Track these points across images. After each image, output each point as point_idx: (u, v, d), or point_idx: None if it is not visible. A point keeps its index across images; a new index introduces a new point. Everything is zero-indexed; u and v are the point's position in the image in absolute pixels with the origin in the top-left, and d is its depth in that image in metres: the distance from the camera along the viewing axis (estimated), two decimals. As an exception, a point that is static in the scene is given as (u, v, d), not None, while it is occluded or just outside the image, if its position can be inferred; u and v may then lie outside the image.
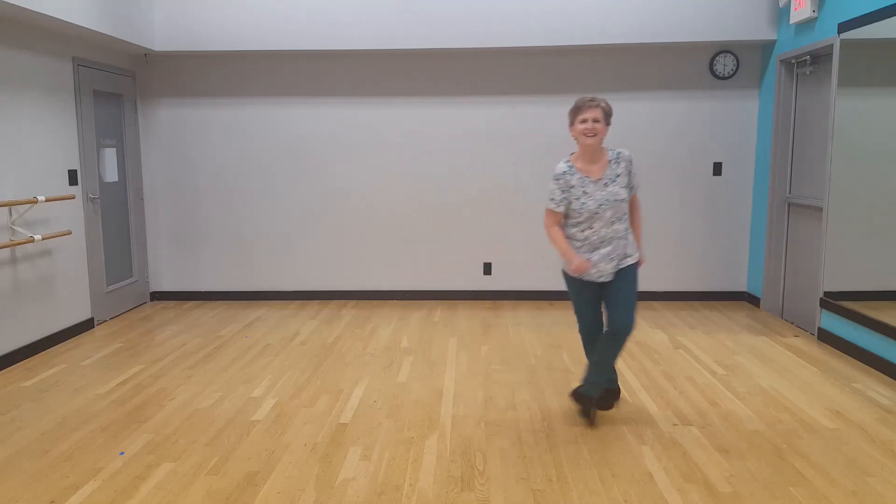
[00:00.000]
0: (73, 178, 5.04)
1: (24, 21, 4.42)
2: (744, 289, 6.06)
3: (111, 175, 5.64)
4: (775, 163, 5.44)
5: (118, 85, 5.72)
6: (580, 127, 3.17)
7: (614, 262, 3.24)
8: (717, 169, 5.93)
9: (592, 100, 3.16)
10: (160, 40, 5.59)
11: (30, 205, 4.45)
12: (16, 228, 4.39)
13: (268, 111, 6.02)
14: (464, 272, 6.15)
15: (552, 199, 3.26)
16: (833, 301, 4.53)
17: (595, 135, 3.15)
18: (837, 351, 4.51)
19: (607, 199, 3.18)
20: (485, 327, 5.22)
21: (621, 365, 4.27)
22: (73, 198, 4.90)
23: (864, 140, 4.24)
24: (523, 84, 5.92)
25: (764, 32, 5.39)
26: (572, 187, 3.21)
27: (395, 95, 5.97)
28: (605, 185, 3.20)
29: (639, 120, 5.90)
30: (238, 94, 6.02)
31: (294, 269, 6.20)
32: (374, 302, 6.13)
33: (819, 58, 4.94)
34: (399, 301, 6.16)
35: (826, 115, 4.87)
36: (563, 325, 5.25)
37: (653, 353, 4.53)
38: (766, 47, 5.65)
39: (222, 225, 6.17)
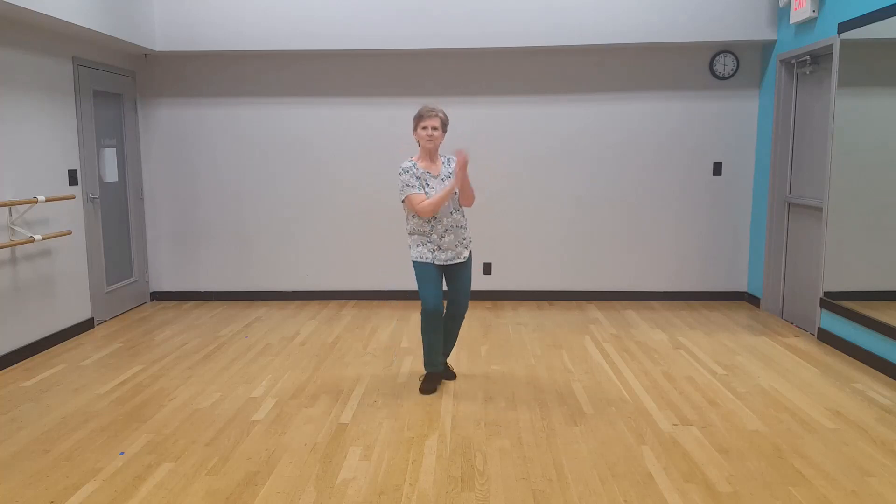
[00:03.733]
0: (73, 178, 5.04)
1: (24, 21, 4.42)
2: (744, 289, 6.06)
3: (111, 175, 5.64)
4: (775, 163, 5.45)
5: (118, 85, 5.72)
6: (422, 133, 3.66)
7: (461, 248, 3.77)
8: (717, 169, 5.93)
9: (432, 110, 3.65)
10: (160, 40, 5.59)
11: (30, 205, 4.45)
12: (16, 228, 4.39)
13: (268, 111, 6.03)
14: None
15: (410, 186, 3.65)
16: (833, 301, 4.53)
17: (433, 140, 3.66)
18: (837, 351, 4.51)
19: None
20: (485, 327, 5.21)
21: (621, 365, 4.27)
22: (73, 198, 4.90)
23: (864, 140, 4.25)
24: (524, 84, 5.92)
25: (764, 32, 5.39)
26: (418, 178, 3.67)
27: (395, 95, 5.97)
28: (443, 180, 3.73)
29: (639, 120, 5.90)
30: (238, 94, 6.02)
31: (294, 269, 6.20)
32: (374, 302, 6.13)
33: (819, 58, 4.94)
34: (399, 301, 6.16)
35: (826, 115, 4.87)
36: (564, 326, 5.25)
37: (653, 353, 4.53)
38: (766, 47, 5.65)
39: (222, 225, 6.17)
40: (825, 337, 4.68)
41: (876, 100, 4.13)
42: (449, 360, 4.36)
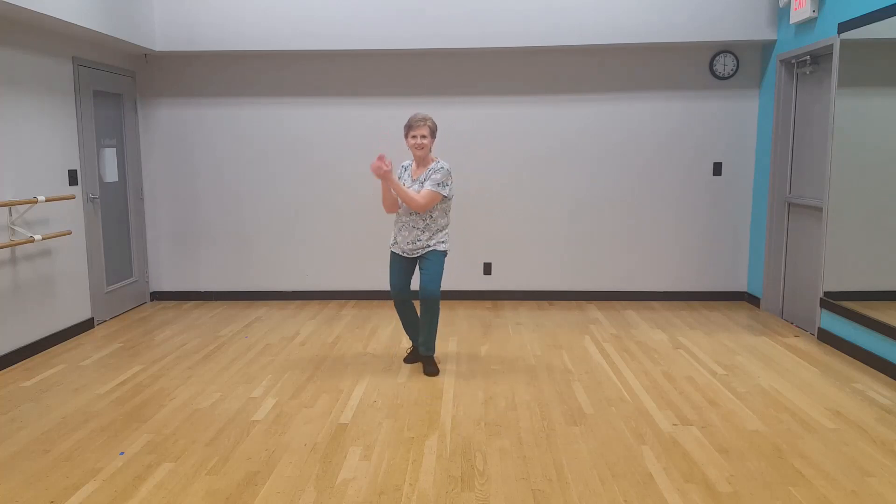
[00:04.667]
0: (73, 178, 5.04)
1: (24, 21, 4.42)
2: (744, 289, 6.06)
3: (111, 175, 5.64)
4: (775, 163, 5.45)
5: (118, 85, 5.72)
6: (412, 141, 3.99)
7: (414, 246, 4.07)
8: (717, 169, 5.93)
9: (421, 120, 3.95)
10: (160, 40, 5.59)
11: (30, 205, 4.45)
12: (16, 228, 4.39)
13: (268, 111, 6.03)
14: (464, 272, 6.15)
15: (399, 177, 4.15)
16: (833, 301, 4.53)
17: (422, 148, 3.98)
18: (837, 351, 4.51)
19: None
20: (485, 327, 5.21)
21: (621, 365, 4.27)
22: (73, 198, 4.90)
23: (864, 140, 4.25)
24: (523, 84, 5.92)
25: (764, 32, 5.40)
26: (401, 177, 4.14)
27: (395, 95, 5.97)
28: (416, 182, 4.04)
29: (639, 120, 5.90)
30: (238, 95, 6.02)
31: (294, 268, 6.20)
32: (374, 302, 6.13)
33: (819, 58, 4.94)
34: (399, 301, 6.16)
35: (826, 115, 4.87)
36: (564, 326, 5.25)
37: (653, 353, 4.53)
38: (766, 47, 5.65)
39: (222, 225, 6.17)
40: (825, 337, 4.68)
41: (876, 100, 4.13)
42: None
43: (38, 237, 4.45)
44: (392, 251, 4.20)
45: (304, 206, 6.13)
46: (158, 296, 6.27)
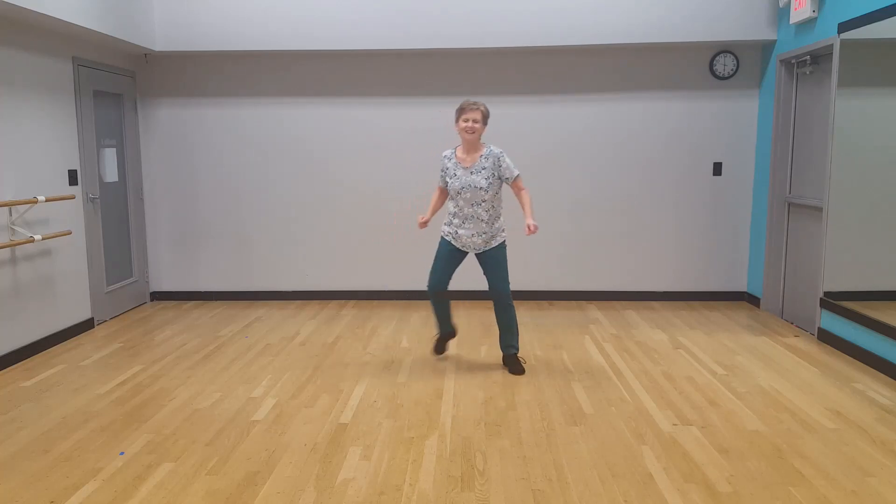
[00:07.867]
0: (73, 178, 5.04)
1: (24, 21, 4.42)
2: (744, 289, 6.06)
3: (111, 175, 5.64)
4: (775, 163, 5.45)
5: (118, 85, 5.72)
6: (463, 125, 3.91)
7: (477, 240, 4.02)
8: (717, 169, 5.93)
9: (474, 104, 3.90)
10: (160, 40, 5.59)
11: (30, 205, 4.45)
12: (16, 228, 4.39)
13: (268, 111, 6.03)
14: (464, 272, 6.13)
15: (440, 173, 4.14)
16: (833, 301, 4.53)
17: (473, 132, 3.91)
18: (837, 351, 4.51)
19: (468, 184, 3.97)
20: (485, 327, 5.21)
21: (621, 365, 4.27)
22: (73, 198, 4.90)
23: (864, 140, 4.25)
24: (523, 84, 5.92)
25: (764, 32, 5.40)
26: (447, 168, 4.06)
27: (395, 95, 5.97)
28: (471, 173, 3.98)
29: (639, 120, 5.90)
30: (238, 94, 6.02)
31: (294, 268, 6.20)
32: (374, 302, 6.13)
33: (819, 58, 4.94)
34: (399, 301, 6.16)
35: (826, 115, 4.87)
36: (564, 325, 5.25)
37: (653, 353, 4.53)
38: (766, 47, 5.65)
39: (222, 225, 6.17)
40: (825, 337, 4.68)
41: (876, 100, 4.13)
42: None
43: (38, 237, 4.45)
44: (445, 239, 4.11)
45: (304, 206, 6.13)
46: (158, 296, 6.27)
